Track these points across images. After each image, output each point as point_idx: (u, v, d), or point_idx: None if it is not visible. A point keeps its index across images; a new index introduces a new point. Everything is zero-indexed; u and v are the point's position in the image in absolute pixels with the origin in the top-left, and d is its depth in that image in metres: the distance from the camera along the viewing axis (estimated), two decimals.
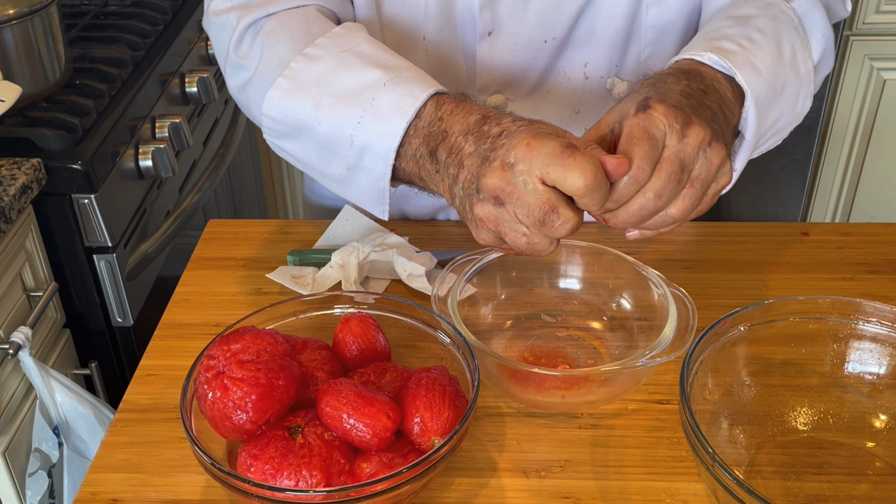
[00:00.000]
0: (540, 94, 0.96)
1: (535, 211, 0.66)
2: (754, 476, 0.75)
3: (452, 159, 0.71)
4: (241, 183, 2.07)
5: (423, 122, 0.74)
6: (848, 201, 2.17)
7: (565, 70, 0.94)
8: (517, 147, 0.66)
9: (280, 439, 0.68)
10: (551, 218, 0.66)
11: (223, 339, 0.71)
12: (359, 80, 0.78)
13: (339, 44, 0.82)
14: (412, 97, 0.74)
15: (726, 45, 0.78)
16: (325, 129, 0.79)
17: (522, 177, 0.66)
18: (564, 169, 0.64)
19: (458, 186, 0.71)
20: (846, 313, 0.80)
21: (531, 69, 0.94)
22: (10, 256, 1.23)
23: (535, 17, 0.90)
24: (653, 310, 0.85)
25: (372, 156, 0.77)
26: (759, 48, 0.79)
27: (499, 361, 0.80)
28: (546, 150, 0.65)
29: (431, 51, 0.94)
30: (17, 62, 1.37)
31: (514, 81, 0.94)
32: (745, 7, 0.86)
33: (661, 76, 0.74)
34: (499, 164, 0.67)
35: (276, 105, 0.83)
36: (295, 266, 0.98)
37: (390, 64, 0.78)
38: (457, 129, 0.72)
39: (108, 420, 1.30)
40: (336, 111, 0.78)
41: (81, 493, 0.76)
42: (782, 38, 0.82)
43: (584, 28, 0.92)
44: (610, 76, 0.95)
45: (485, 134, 0.70)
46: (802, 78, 0.83)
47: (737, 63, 0.76)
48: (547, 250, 0.69)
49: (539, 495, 0.75)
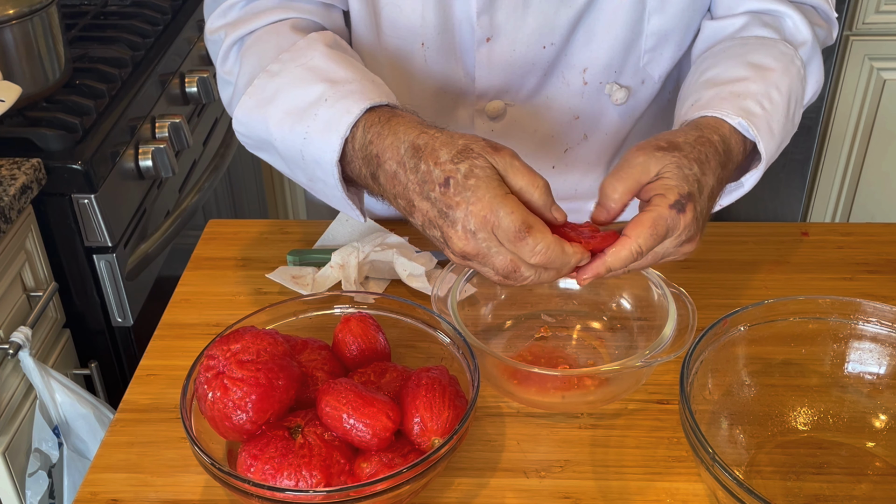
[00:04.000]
0: (539, 99, 0.96)
1: (500, 270, 0.71)
2: (754, 476, 0.75)
3: (397, 191, 0.74)
4: (241, 183, 2.07)
5: (357, 143, 0.77)
6: (848, 201, 2.17)
7: (564, 75, 0.95)
8: (475, 217, 0.69)
9: (280, 439, 0.68)
10: (515, 275, 0.71)
11: (223, 339, 0.71)
12: (306, 95, 0.80)
13: (297, 58, 0.84)
14: (347, 113, 0.76)
15: (753, 108, 0.81)
16: (280, 144, 0.82)
17: (486, 244, 0.70)
18: (520, 250, 0.69)
19: (413, 220, 0.74)
20: (846, 313, 0.80)
21: (530, 74, 0.94)
22: (10, 256, 1.23)
23: (533, 23, 0.91)
24: (653, 310, 0.85)
25: (322, 169, 0.79)
26: (777, 110, 0.83)
27: (499, 361, 0.80)
28: (502, 231, 0.69)
29: (430, 56, 0.94)
30: (17, 62, 1.37)
31: (513, 87, 0.95)
32: (760, 53, 0.87)
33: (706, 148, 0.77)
34: (461, 230, 0.70)
35: (241, 122, 0.85)
36: (295, 266, 0.98)
37: (336, 78, 0.80)
38: (389, 156, 0.74)
39: (108, 420, 1.30)
40: (286, 127, 0.81)
41: (81, 493, 0.76)
42: (792, 95, 0.85)
43: (582, 34, 0.92)
44: (609, 82, 0.95)
45: (426, 176, 0.71)
46: (796, 126, 0.88)
47: (760, 128, 0.81)
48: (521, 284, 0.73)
49: (539, 495, 0.75)
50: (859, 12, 1.94)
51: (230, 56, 0.91)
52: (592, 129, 0.98)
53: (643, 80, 0.96)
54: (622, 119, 0.99)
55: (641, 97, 0.98)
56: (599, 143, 1.00)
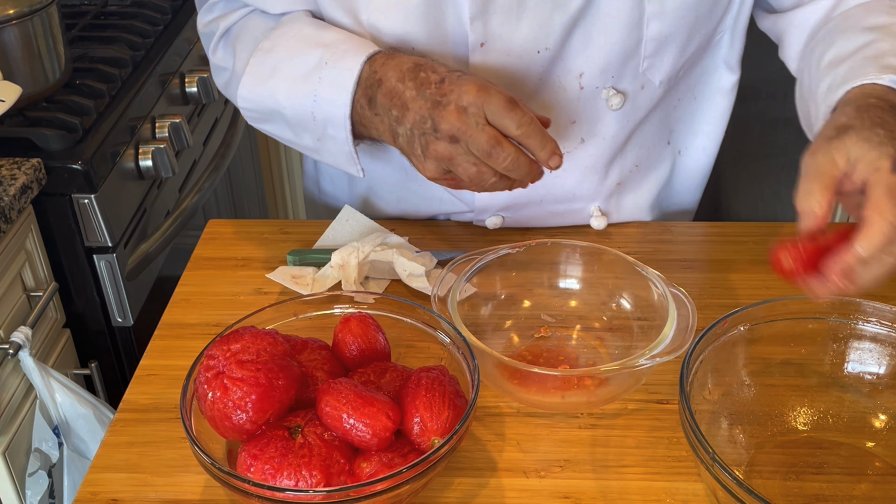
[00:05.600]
0: (535, 104, 0.96)
1: (483, 145, 0.78)
2: (754, 476, 0.75)
3: (393, 102, 0.82)
4: (241, 183, 2.07)
5: (362, 81, 0.85)
6: None
7: (560, 80, 0.95)
8: (469, 93, 0.78)
9: (280, 439, 0.68)
10: (496, 150, 0.78)
11: (223, 339, 0.71)
12: (306, 62, 0.88)
13: (286, 32, 0.92)
14: (349, 70, 0.85)
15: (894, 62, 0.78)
16: (290, 111, 0.91)
17: (474, 118, 0.78)
18: (507, 117, 0.78)
19: (403, 127, 0.82)
20: (846, 313, 0.80)
21: (525, 79, 0.94)
22: (10, 256, 1.23)
23: (527, 28, 0.90)
24: (653, 310, 0.85)
25: (333, 125, 0.88)
26: None
27: (499, 361, 0.80)
28: (494, 100, 0.78)
29: None
30: (17, 62, 1.37)
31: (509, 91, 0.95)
32: (871, 16, 0.85)
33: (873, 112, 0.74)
34: (454, 108, 0.79)
35: (246, 98, 0.94)
36: (295, 266, 0.99)
37: (328, 41, 0.88)
38: (391, 75, 0.83)
39: (108, 420, 1.30)
40: (293, 94, 0.89)
41: (81, 493, 0.76)
42: None
43: (578, 39, 0.92)
44: (606, 87, 0.95)
45: (424, 80, 0.81)
46: None
47: None
48: (489, 180, 0.80)
49: (539, 495, 0.75)
50: None
51: (220, 45, 1.01)
52: (590, 133, 0.98)
53: (643, 85, 0.96)
54: (620, 124, 0.98)
55: (641, 102, 0.98)
56: (597, 147, 1.00)
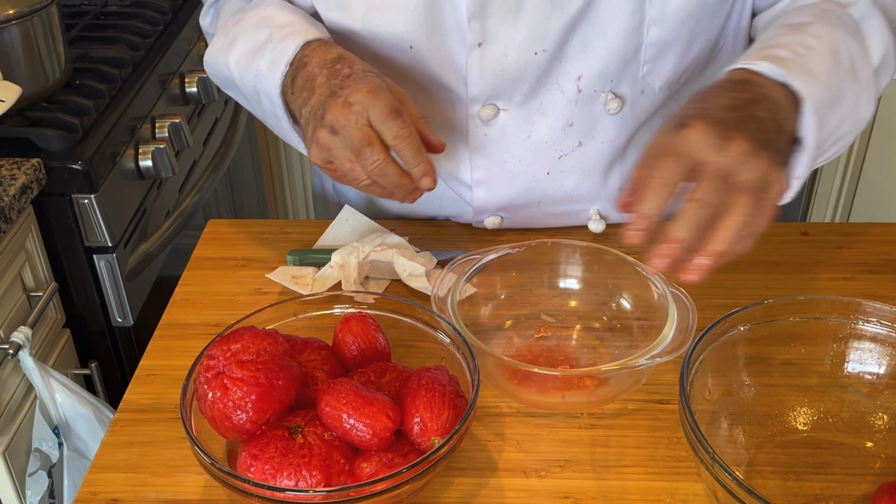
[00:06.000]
0: (533, 105, 0.96)
1: (355, 143, 0.80)
2: (754, 476, 0.75)
3: (307, 84, 0.86)
4: (241, 183, 2.07)
5: (294, 62, 0.89)
6: (848, 201, 2.17)
7: (559, 82, 0.94)
8: (359, 91, 0.81)
9: (280, 439, 0.68)
10: (365, 151, 0.80)
11: (223, 339, 0.71)
12: (256, 39, 0.93)
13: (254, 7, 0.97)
14: (285, 52, 0.89)
15: (781, 53, 0.78)
16: (240, 82, 0.96)
17: (356, 116, 0.80)
18: (386, 124, 0.80)
19: (307, 108, 0.86)
20: (846, 313, 0.80)
21: (522, 80, 0.94)
22: (10, 256, 1.23)
23: (525, 29, 0.90)
24: (653, 310, 0.85)
25: (270, 101, 0.92)
26: (815, 54, 0.79)
27: (499, 361, 0.80)
28: (379, 105, 0.80)
29: (420, 59, 0.94)
30: (17, 62, 1.37)
31: (506, 92, 0.95)
32: (800, 15, 0.85)
33: (708, 90, 0.75)
34: (342, 101, 0.81)
35: (209, 63, 1.00)
36: (295, 266, 0.98)
37: (281, 22, 0.92)
38: (315, 61, 0.87)
39: (108, 420, 1.30)
40: (241, 67, 0.94)
41: (81, 493, 0.76)
42: (839, 44, 0.81)
43: (577, 42, 0.92)
44: (604, 91, 0.95)
45: (337, 72, 0.85)
46: (862, 83, 0.83)
47: (792, 69, 0.76)
48: (362, 181, 0.82)
49: (539, 495, 0.75)
50: None
51: (210, 13, 1.09)
52: (587, 136, 0.98)
53: (643, 89, 0.96)
54: (618, 128, 0.98)
55: (641, 107, 0.97)
56: (595, 150, 0.99)
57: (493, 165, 1.00)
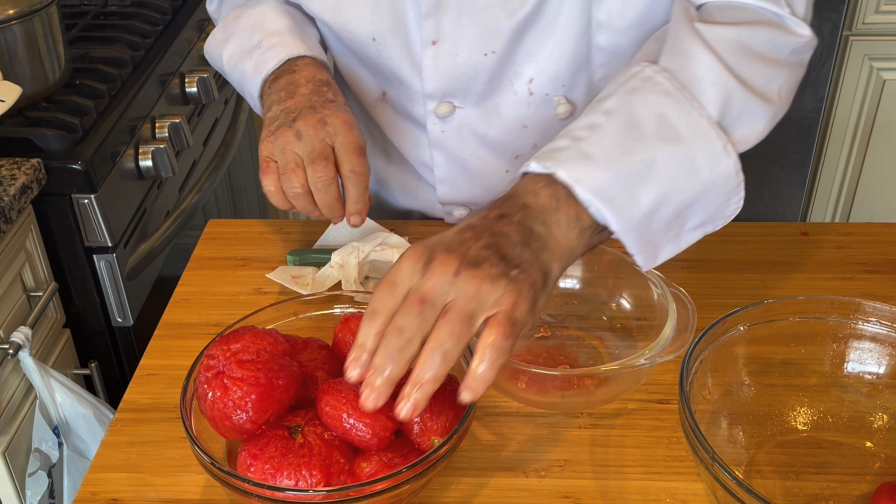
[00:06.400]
0: (488, 105, 0.96)
1: (315, 153, 0.86)
2: (754, 476, 0.75)
3: (288, 87, 0.93)
4: (241, 183, 2.07)
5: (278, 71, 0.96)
6: (848, 201, 2.17)
7: (512, 83, 0.95)
8: (338, 118, 0.88)
9: (280, 439, 0.68)
10: (319, 164, 0.86)
11: (223, 339, 0.71)
12: (249, 41, 0.99)
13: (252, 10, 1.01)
14: (270, 61, 0.96)
15: (560, 143, 0.73)
16: (230, 76, 1.04)
17: (324, 135, 0.87)
18: (349, 156, 0.87)
19: (280, 106, 0.91)
20: (846, 313, 0.80)
21: (474, 80, 0.94)
22: (10, 256, 1.23)
23: (474, 30, 0.91)
24: (653, 310, 0.85)
25: (251, 98, 1.00)
26: (599, 133, 0.72)
27: None
28: (349, 138, 0.87)
29: (383, 52, 0.96)
30: (18, 62, 1.37)
31: (460, 90, 0.96)
32: (610, 85, 0.78)
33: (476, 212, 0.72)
34: (318, 118, 0.88)
35: (207, 52, 1.07)
36: (295, 266, 0.99)
37: (272, 29, 0.98)
38: (305, 73, 0.94)
39: (108, 420, 1.30)
40: (232, 64, 1.01)
41: (81, 493, 0.76)
42: (639, 111, 0.73)
43: (527, 45, 0.92)
44: (557, 95, 0.95)
45: (322, 93, 0.91)
46: (690, 140, 0.73)
47: (562, 160, 0.71)
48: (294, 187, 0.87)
49: (539, 495, 0.75)
50: (859, 12, 1.94)
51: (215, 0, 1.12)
52: (542, 139, 0.97)
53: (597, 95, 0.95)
54: None
55: None
56: None
57: (452, 162, 1.01)
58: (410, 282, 0.65)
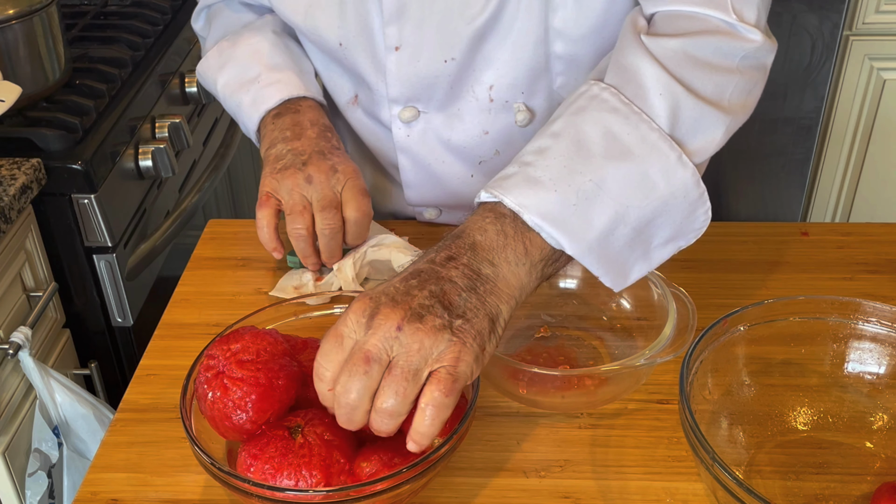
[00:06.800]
0: (451, 110, 0.97)
1: (323, 199, 0.90)
2: (754, 476, 0.75)
3: (294, 128, 0.95)
4: (241, 183, 2.07)
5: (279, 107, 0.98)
6: (848, 201, 2.17)
7: (473, 90, 0.95)
8: (347, 167, 0.93)
9: (280, 439, 0.68)
10: (330, 212, 0.90)
11: (223, 339, 0.71)
12: (247, 73, 1.00)
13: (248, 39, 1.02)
14: (268, 99, 0.98)
15: (508, 171, 0.73)
16: (223, 103, 1.04)
17: (335, 182, 0.91)
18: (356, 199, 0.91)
19: (286, 145, 0.94)
20: (846, 313, 0.80)
21: (436, 86, 0.95)
22: (10, 256, 1.23)
23: (434, 37, 0.91)
24: (653, 310, 0.85)
25: (245, 129, 1.02)
26: (547, 156, 0.72)
27: (499, 361, 0.80)
28: (358, 183, 0.92)
29: (350, 56, 0.97)
30: (18, 62, 1.37)
31: (423, 96, 0.96)
32: (560, 107, 0.78)
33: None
34: (329, 165, 0.92)
35: (200, 74, 1.07)
36: (294, 267, 0.98)
37: (272, 64, 1.00)
38: (309, 116, 0.96)
39: (108, 420, 1.30)
40: (227, 92, 1.02)
41: (81, 493, 0.76)
42: (586, 130, 0.73)
43: (485, 52, 0.92)
44: (517, 101, 0.95)
45: (328, 139, 0.95)
46: (642, 155, 0.72)
47: (509, 187, 0.71)
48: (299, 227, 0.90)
49: (539, 495, 0.75)
50: (859, 12, 1.94)
51: (201, 17, 1.12)
52: (504, 145, 0.98)
53: (558, 102, 0.94)
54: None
55: None
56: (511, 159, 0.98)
57: (418, 166, 1.02)
58: (356, 335, 0.65)
